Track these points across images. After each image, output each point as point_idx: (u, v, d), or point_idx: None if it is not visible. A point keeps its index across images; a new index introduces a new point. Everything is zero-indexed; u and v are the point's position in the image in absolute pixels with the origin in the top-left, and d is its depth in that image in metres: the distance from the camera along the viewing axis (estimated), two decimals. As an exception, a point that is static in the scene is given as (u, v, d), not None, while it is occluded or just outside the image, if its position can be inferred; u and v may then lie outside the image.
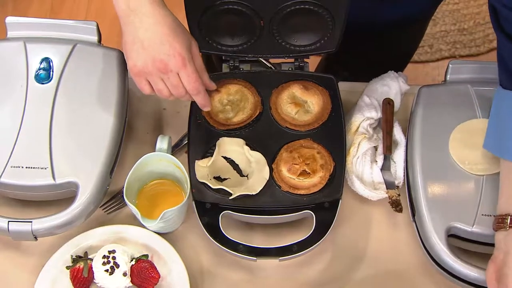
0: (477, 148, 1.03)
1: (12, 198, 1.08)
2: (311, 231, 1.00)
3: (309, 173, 1.05)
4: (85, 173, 1.02)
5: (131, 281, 1.01)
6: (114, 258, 1.00)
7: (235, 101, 1.12)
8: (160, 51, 0.91)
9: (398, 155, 1.10)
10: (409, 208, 1.06)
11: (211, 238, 1.00)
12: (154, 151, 1.06)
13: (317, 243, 1.00)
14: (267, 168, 1.06)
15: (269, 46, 1.13)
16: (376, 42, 1.32)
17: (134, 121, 1.18)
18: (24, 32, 1.12)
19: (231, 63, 1.17)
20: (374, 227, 1.10)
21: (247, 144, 1.08)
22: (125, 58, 0.95)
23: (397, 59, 1.49)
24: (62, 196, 1.04)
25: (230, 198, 1.03)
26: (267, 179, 1.05)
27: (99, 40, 1.13)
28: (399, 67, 1.48)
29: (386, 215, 1.10)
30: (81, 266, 1.01)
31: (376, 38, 1.29)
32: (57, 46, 1.11)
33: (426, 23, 1.43)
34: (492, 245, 0.94)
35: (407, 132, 1.11)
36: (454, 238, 1.00)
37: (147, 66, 0.91)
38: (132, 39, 0.91)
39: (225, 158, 1.08)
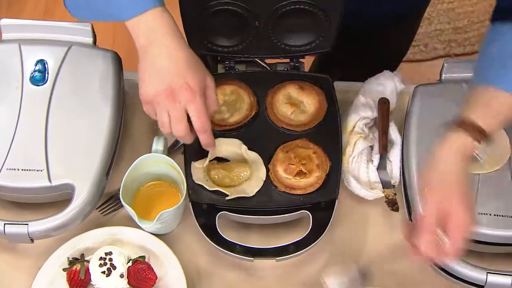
0: (473, 147, 1.03)
1: (8, 200, 1.07)
2: (308, 231, 1.00)
3: (305, 173, 1.05)
4: (81, 175, 1.01)
5: (128, 282, 1.00)
6: (110, 259, 1.00)
7: (230, 102, 1.12)
8: (173, 81, 0.92)
9: (394, 154, 1.10)
10: (405, 207, 1.06)
11: (208, 239, 1.00)
12: (150, 152, 1.06)
13: (314, 243, 1.00)
14: (263, 169, 1.06)
15: (265, 47, 1.13)
16: (368, 40, 1.32)
17: (130, 122, 1.17)
18: (19, 34, 1.12)
19: (227, 63, 1.17)
20: (371, 226, 1.10)
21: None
22: (138, 84, 0.95)
23: (390, 58, 1.49)
24: (58, 198, 1.04)
25: (227, 199, 1.03)
26: (264, 179, 1.05)
27: (94, 42, 1.13)
28: (393, 65, 1.48)
29: (382, 214, 1.10)
30: (78, 268, 1.01)
31: (368, 36, 1.29)
32: (52, 48, 1.10)
33: (419, 20, 1.44)
34: (490, 243, 0.94)
35: (403, 131, 1.11)
36: (450, 237, 1.00)
37: (157, 94, 0.92)
38: (148, 67, 0.93)
39: (221, 159, 1.08)
